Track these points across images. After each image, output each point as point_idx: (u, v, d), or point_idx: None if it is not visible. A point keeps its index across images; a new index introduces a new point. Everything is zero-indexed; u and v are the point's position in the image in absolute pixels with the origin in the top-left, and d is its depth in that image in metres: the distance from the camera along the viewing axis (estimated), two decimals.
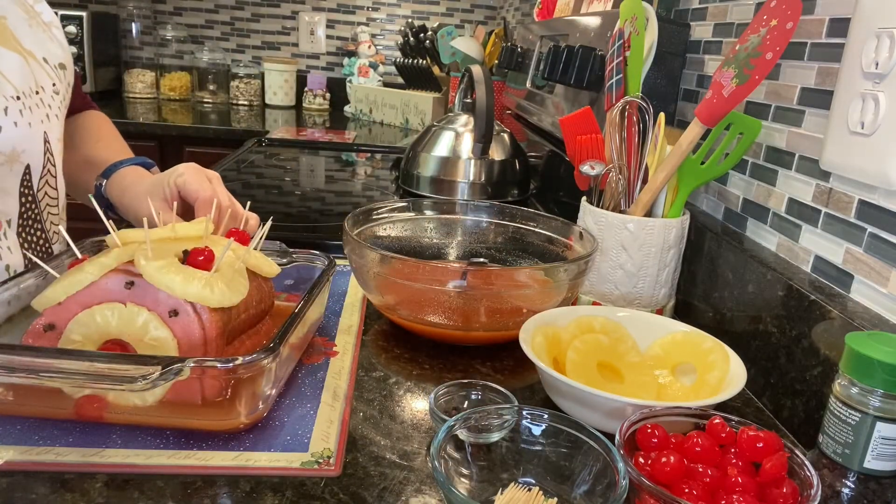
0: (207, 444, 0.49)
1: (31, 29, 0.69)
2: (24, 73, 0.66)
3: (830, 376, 0.53)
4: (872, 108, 0.54)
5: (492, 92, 1.18)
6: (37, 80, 0.67)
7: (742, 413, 0.61)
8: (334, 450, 0.50)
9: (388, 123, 2.31)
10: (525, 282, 0.66)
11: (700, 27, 0.92)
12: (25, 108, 0.65)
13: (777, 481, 0.42)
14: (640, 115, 0.74)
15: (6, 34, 0.66)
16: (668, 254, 0.73)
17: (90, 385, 0.47)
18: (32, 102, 0.66)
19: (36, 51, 0.68)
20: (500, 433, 0.47)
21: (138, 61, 2.54)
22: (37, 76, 0.68)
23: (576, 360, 0.58)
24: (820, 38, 0.66)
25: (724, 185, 0.83)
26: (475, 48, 2.02)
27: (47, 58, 0.70)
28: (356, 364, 0.63)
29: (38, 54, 0.69)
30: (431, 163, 1.24)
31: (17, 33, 0.66)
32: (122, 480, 0.45)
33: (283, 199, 1.27)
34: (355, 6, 2.65)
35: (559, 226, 0.83)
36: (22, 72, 0.66)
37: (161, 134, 2.04)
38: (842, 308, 0.55)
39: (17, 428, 0.49)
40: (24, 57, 0.66)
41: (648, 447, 0.46)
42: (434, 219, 0.88)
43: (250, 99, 2.57)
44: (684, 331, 0.64)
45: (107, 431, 0.49)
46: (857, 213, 0.58)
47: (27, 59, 0.66)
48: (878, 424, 0.43)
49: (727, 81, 0.66)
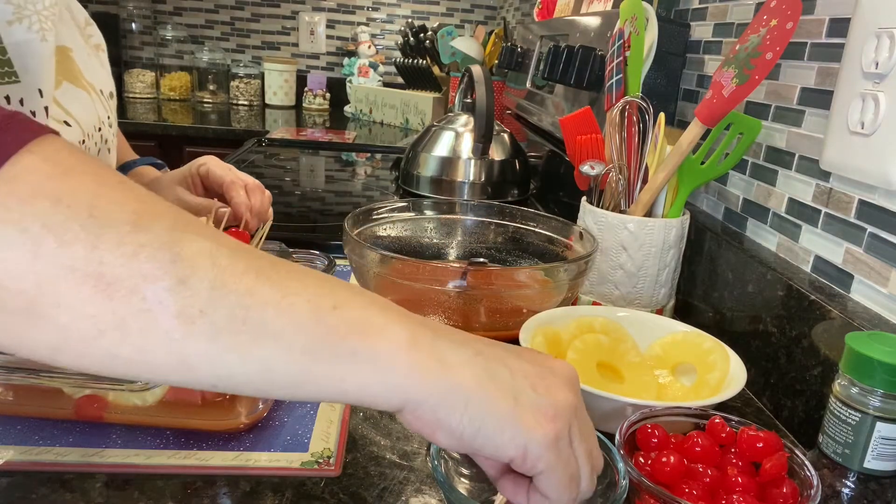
0: (207, 444, 0.49)
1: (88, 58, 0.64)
2: (90, 110, 0.61)
3: (830, 376, 0.53)
4: (872, 108, 0.54)
5: (492, 92, 1.18)
6: (99, 116, 0.63)
7: (742, 413, 0.61)
8: (334, 450, 0.50)
9: (388, 123, 2.31)
10: (525, 282, 0.66)
11: (700, 27, 0.92)
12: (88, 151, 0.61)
13: (777, 481, 0.42)
14: (640, 115, 0.74)
15: (74, 70, 0.60)
16: (668, 254, 0.73)
17: (90, 385, 0.47)
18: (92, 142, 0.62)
19: (95, 83, 0.64)
20: None
21: (138, 61, 2.54)
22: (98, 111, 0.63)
23: (576, 360, 0.58)
24: (820, 38, 0.66)
25: (724, 185, 0.83)
26: (475, 48, 2.02)
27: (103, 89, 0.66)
28: None
29: (97, 86, 0.64)
30: (431, 163, 1.24)
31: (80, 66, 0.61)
32: (122, 480, 0.45)
33: (283, 199, 1.27)
34: (355, 6, 2.65)
35: (559, 226, 0.82)
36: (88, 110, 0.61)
37: (161, 134, 2.04)
38: (842, 308, 0.55)
39: (17, 428, 0.49)
40: (89, 93, 0.61)
41: (648, 447, 0.46)
42: (434, 219, 0.88)
43: (250, 99, 2.57)
44: (684, 331, 0.64)
45: (107, 431, 0.49)
46: (857, 213, 0.58)
47: (91, 95, 0.62)
48: (878, 424, 0.43)
49: (727, 81, 0.66)
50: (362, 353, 0.31)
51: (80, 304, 0.27)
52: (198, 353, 0.29)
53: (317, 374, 0.30)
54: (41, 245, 0.26)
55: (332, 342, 0.30)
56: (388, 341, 0.31)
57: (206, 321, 0.28)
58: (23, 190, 0.27)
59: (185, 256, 0.28)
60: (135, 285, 0.27)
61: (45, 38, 0.52)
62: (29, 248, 0.26)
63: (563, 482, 0.34)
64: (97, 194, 0.28)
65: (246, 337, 0.29)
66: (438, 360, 0.32)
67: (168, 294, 0.28)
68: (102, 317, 0.27)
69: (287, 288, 0.30)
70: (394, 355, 0.31)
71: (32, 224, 0.26)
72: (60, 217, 0.27)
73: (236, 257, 0.30)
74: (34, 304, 0.27)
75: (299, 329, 0.30)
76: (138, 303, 0.27)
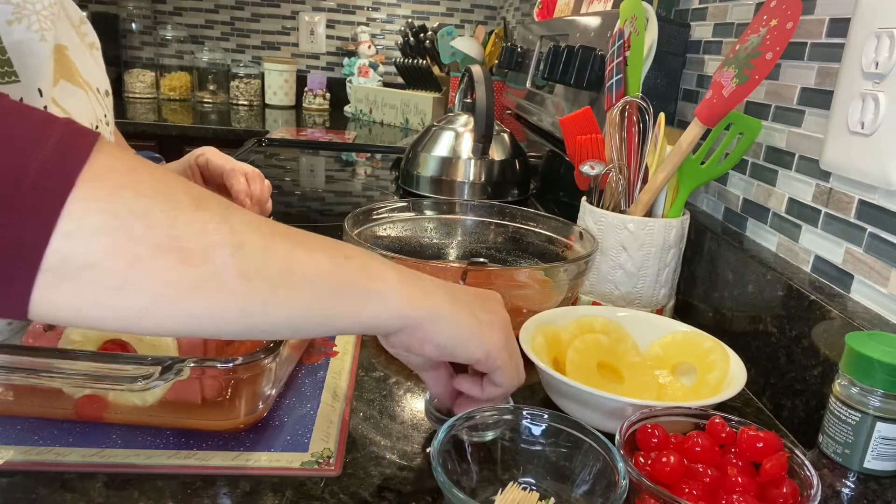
0: (207, 444, 0.49)
1: (84, 56, 0.64)
2: (87, 108, 0.62)
3: (830, 376, 0.53)
4: (872, 108, 0.54)
5: (492, 92, 1.18)
6: (96, 114, 0.63)
7: (742, 413, 0.61)
8: (334, 450, 0.50)
9: (388, 123, 2.31)
10: (525, 282, 0.66)
11: (700, 27, 0.92)
12: None
13: (777, 481, 0.42)
14: (640, 115, 0.74)
15: (71, 68, 0.60)
16: (668, 254, 0.73)
17: (90, 385, 0.47)
18: None
19: (91, 81, 0.64)
20: (496, 431, 0.47)
21: (138, 61, 2.54)
22: (95, 109, 0.64)
23: (576, 360, 0.58)
24: (820, 38, 0.66)
25: (724, 185, 0.83)
26: (475, 48, 2.02)
27: (99, 87, 0.66)
28: (356, 364, 0.63)
29: (93, 84, 0.64)
30: (431, 163, 1.24)
31: (76, 64, 0.61)
32: (122, 480, 0.45)
33: (283, 199, 1.27)
34: (355, 6, 2.65)
35: (559, 226, 0.82)
36: (84, 108, 0.61)
37: (161, 134, 2.04)
38: (842, 308, 0.55)
39: (17, 428, 0.49)
40: (86, 91, 0.61)
41: (648, 447, 0.46)
42: (434, 219, 0.88)
43: (250, 99, 2.57)
44: (684, 331, 0.64)
45: (107, 431, 0.49)
46: (857, 213, 0.58)
47: (87, 93, 0.62)
48: (878, 424, 0.43)
49: (727, 81, 0.66)
50: (373, 291, 0.39)
51: (165, 274, 0.32)
52: (255, 304, 0.35)
53: (341, 309, 0.39)
54: (133, 229, 0.31)
55: (350, 284, 0.39)
56: (388, 282, 0.40)
57: (262, 277, 0.35)
58: (108, 184, 0.31)
59: (238, 228, 0.34)
60: (207, 253, 0.33)
61: (44, 37, 0.52)
62: (124, 231, 0.31)
63: (513, 373, 0.46)
64: (161, 183, 0.33)
65: (289, 286, 0.36)
66: (423, 290, 0.42)
67: (232, 258, 0.34)
68: (183, 282, 0.33)
69: (311, 246, 0.38)
70: (394, 290, 0.40)
71: (122, 211, 0.31)
72: (143, 204, 0.32)
73: (270, 226, 0.37)
74: (127, 279, 0.31)
75: (326, 277, 0.38)
76: (210, 267, 0.33)
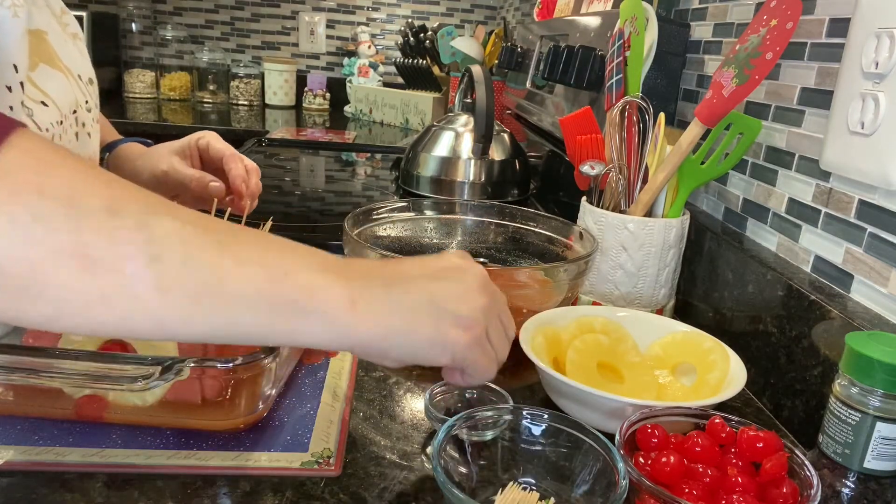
0: (207, 444, 0.49)
1: (65, 43, 0.65)
2: (66, 92, 0.62)
3: (830, 376, 0.53)
4: (872, 108, 0.54)
5: (492, 92, 1.18)
6: (76, 99, 0.64)
7: (742, 413, 0.61)
8: (334, 450, 0.50)
9: (388, 123, 2.31)
10: (525, 282, 0.66)
11: (700, 27, 0.92)
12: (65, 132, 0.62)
13: (777, 481, 0.42)
14: (640, 115, 0.74)
15: (50, 52, 0.61)
16: (668, 254, 0.73)
17: (90, 385, 0.47)
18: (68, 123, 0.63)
19: (72, 67, 0.65)
20: (496, 431, 0.47)
21: (138, 61, 2.54)
22: (76, 94, 0.64)
23: (576, 360, 0.58)
24: (820, 38, 0.66)
25: (724, 185, 0.83)
26: (475, 48, 2.02)
27: (81, 74, 0.67)
28: (356, 364, 0.63)
29: (74, 70, 0.65)
30: (431, 163, 1.24)
31: (56, 49, 0.62)
32: (122, 480, 0.45)
33: (283, 199, 1.27)
34: (355, 6, 2.64)
35: (559, 226, 0.82)
36: (65, 91, 0.62)
37: (161, 134, 2.02)
38: (842, 308, 0.55)
39: (17, 428, 0.49)
40: (66, 75, 0.62)
41: (648, 447, 0.46)
42: (434, 219, 0.88)
43: (250, 99, 2.57)
44: (684, 331, 0.64)
45: (107, 431, 0.49)
46: (857, 213, 0.58)
47: (67, 77, 0.62)
48: (878, 424, 0.43)
49: (727, 81, 0.66)
50: (312, 312, 0.36)
51: (69, 282, 0.31)
52: (173, 317, 0.33)
53: (276, 329, 0.36)
54: (32, 233, 0.30)
55: (287, 301, 0.36)
56: (331, 303, 0.37)
57: (180, 291, 0.33)
58: (10, 184, 0.30)
59: (157, 236, 0.33)
60: (115, 264, 0.31)
61: (16, 14, 0.53)
62: (21, 236, 0.30)
63: (485, 368, 0.44)
64: (75, 184, 0.32)
65: (213, 301, 0.34)
66: (373, 312, 0.38)
67: (145, 269, 0.32)
68: (89, 292, 0.31)
69: (245, 258, 0.35)
70: (338, 313, 0.37)
71: (22, 215, 0.30)
72: (46, 207, 0.30)
73: (201, 233, 0.34)
74: (29, 284, 0.30)
75: (259, 294, 0.35)
76: (119, 279, 0.32)
